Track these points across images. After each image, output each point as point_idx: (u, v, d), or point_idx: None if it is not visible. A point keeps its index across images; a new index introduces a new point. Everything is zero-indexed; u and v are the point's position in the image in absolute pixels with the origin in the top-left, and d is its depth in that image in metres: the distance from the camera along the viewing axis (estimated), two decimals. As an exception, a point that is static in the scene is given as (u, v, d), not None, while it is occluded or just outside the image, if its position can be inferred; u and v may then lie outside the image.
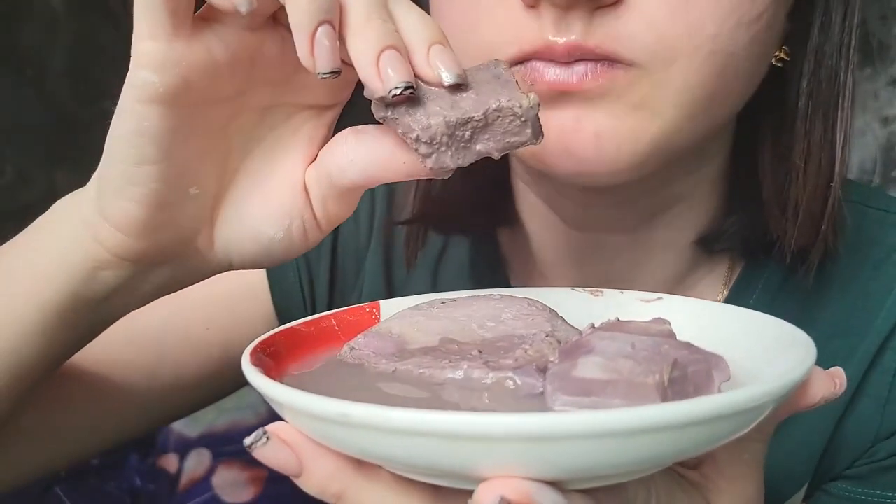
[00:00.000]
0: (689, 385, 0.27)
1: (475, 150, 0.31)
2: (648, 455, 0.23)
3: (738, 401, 0.23)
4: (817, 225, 0.43)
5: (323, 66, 0.28)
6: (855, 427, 0.47)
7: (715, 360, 0.28)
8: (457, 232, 0.53)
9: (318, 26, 0.28)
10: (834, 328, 0.47)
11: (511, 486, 0.23)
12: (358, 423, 0.22)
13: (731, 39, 0.36)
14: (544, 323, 0.32)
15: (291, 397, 0.24)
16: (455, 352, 0.30)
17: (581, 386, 0.26)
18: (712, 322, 0.34)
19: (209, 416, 0.91)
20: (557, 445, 0.22)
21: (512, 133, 0.31)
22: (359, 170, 0.32)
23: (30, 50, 1.21)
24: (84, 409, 0.49)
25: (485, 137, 0.31)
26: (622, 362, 0.26)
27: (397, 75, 0.29)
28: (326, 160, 0.34)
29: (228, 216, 0.34)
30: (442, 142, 0.30)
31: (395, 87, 0.28)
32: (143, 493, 0.87)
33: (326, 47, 0.28)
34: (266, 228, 0.34)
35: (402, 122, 0.30)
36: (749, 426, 0.25)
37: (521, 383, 0.27)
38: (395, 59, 0.29)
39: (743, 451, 0.33)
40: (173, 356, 0.52)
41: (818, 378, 0.30)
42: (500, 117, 0.30)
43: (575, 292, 0.39)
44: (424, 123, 0.29)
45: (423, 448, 0.22)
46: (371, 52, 0.29)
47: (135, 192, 0.31)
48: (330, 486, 0.27)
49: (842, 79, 0.42)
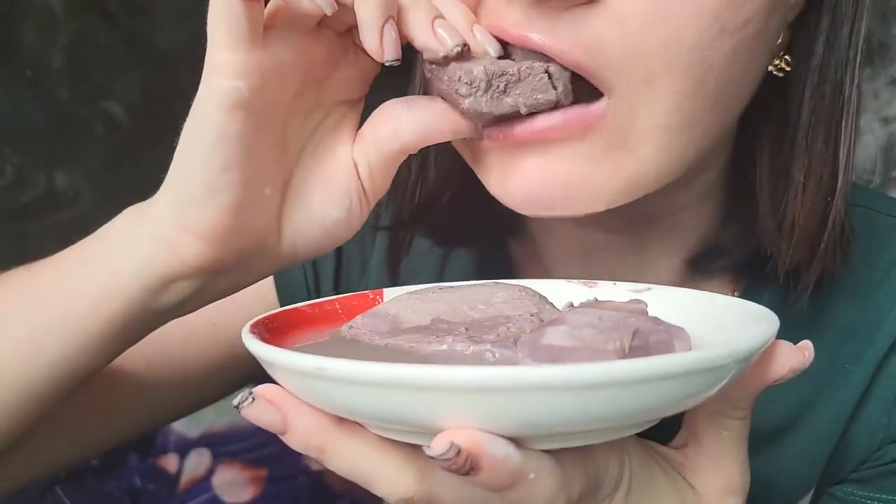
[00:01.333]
0: (651, 354, 0.28)
1: (507, 102, 0.35)
2: (603, 412, 0.24)
3: (695, 360, 0.24)
4: (814, 245, 0.41)
5: (390, 55, 0.33)
6: (862, 430, 0.46)
7: (677, 331, 0.29)
8: (463, 244, 0.54)
9: (385, 22, 0.33)
10: (843, 332, 0.47)
11: (463, 435, 0.24)
12: (334, 376, 0.24)
13: (712, 49, 0.34)
14: (532, 306, 0.33)
15: (277, 355, 0.27)
16: (444, 329, 0.31)
17: (548, 352, 0.27)
18: (696, 308, 0.34)
19: (209, 417, 0.91)
20: (511, 397, 0.23)
21: (540, 91, 0.35)
22: (410, 131, 0.36)
23: (29, 50, 1.20)
24: (91, 408, 0.49)
25: (516, 92, 0.35)
26: (586, 331, 0.27)
27: (452, 37, 0.34)
28: (374, 132, 0.37)
29: (295, 209, 0.37)
30: (480, 87, 0.34)
31: (455, 46, 0.34)
32: (143, 493, 0.87)
33: (393, 38, 0.33)
34: (330, 211, 0.37)
35: (449, 69, 0.35)
36: (708, 391, 0.26)
37: (498, 355, 0.29)
38: (446, 25, 0.34)
39: (723, 428, 0.33)
40: (180, 353, 0.52)
41: (784, 350, 0.30)
42: (531, 74, 0.34)
43: (570, 284, 0.40)
44: (467, 68, 0.34)
45: (391, 401, 0.24)
46: (427, 23, 0.34)
47: (219, 198, 0.33)
48: (313, 441, 0.28)
49: (846, 93, 0.40)
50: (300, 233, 0.37)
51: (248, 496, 0.85)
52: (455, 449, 0.24)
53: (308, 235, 0.37)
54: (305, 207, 0.37)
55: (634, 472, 0.31)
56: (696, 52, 0.34)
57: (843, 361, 0.46)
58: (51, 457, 0.48)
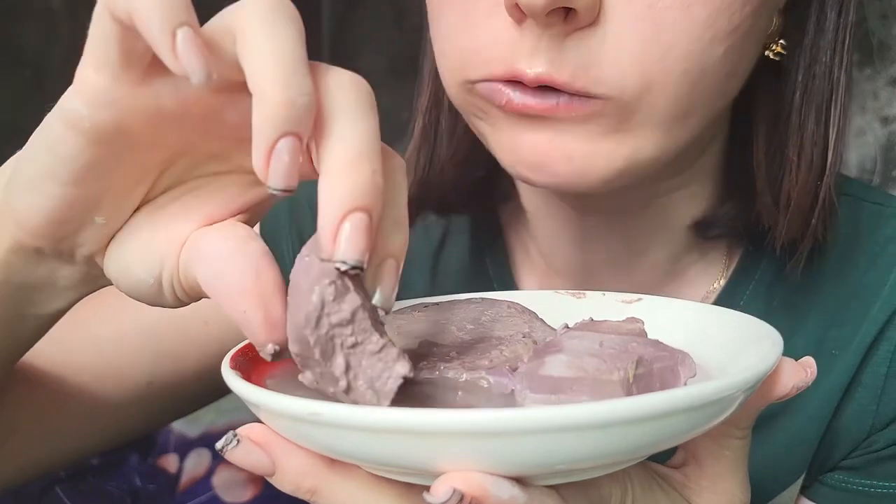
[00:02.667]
0: (655, 381, 0.27)
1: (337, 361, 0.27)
2: (605, 450, 0.23)
3: (698, 395, 0.23)
4: (807, 219, 0.43)
5: (276, 183, 0.25)
6: (851, 417, 0.47)
7: (681, 356, 0.29)
8: (454, 211, 0.54)
9: (280, 137, 0.24)
10: (829, 319, 0.47)
11: (466, 479, 0.23)
12: (328, 422, 0.23)
13: (705, 55, 0.36)
14: (522, 325, 0.33)
15: (266, 399, 0.25)
16: (433, 354, 0.30)
17: (548, 383, 0.26)
18: (689, 321, 0.34)
19: (209, 417, 0.91)
20: (512, 440, 0.22)
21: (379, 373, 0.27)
22: (201, 279, 0.29)
23: (28, 50, 1.20)
24: (82, 410, 0.49)
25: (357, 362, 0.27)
26: (588, 360, 0.26)
27: (351, 251, 0.25)
28: (192, 248, 0.30)
29: (120, 244, 0.31)
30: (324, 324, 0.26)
31: (344, 263, 0.25)
32: (143, 493, 0.87)
33: (285, 164, 0.24)
34: (138, 270, 0.30)
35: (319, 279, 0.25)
36: (713, 421, 0.25)
37: (493, 382, 0.28)
38: (360, 229, 0.25)
39: (724, 448, 0.33)
40: (172, 353, 0.52)
41: (788, 368, 0.30)
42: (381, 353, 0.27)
43: (558, 295, 0.39)
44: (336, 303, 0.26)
45: (390, 445, 0.23)
46: (339, 208, 0.25)
47: (38, 200, 0.29)
48: (304, 483, 0.27)
49: (836, 75, 0.42)
50: (113, 271, 0.31)
51: (248, 496, 0.85)
52: (458, 495, 0.23)
53: (118, 278, 0.31)
54: (120, 252, 0.31)
55: (636, 496, 0.31)
56: (690, 60, 0.36)
57: (829, 347, 0.47)
58: (39, 458, 0.48)
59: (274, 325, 0.27)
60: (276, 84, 0.24)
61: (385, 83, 0.41)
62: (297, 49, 0.25)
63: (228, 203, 0.31)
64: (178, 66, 0.24)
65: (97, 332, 0.50)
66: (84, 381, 0.48)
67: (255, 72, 0.25)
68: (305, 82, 0.25)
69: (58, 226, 0.30)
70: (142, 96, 0.27)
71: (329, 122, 0.26)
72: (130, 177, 0.30)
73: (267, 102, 0.24)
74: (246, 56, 0.25)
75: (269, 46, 0.25)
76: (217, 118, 0.28)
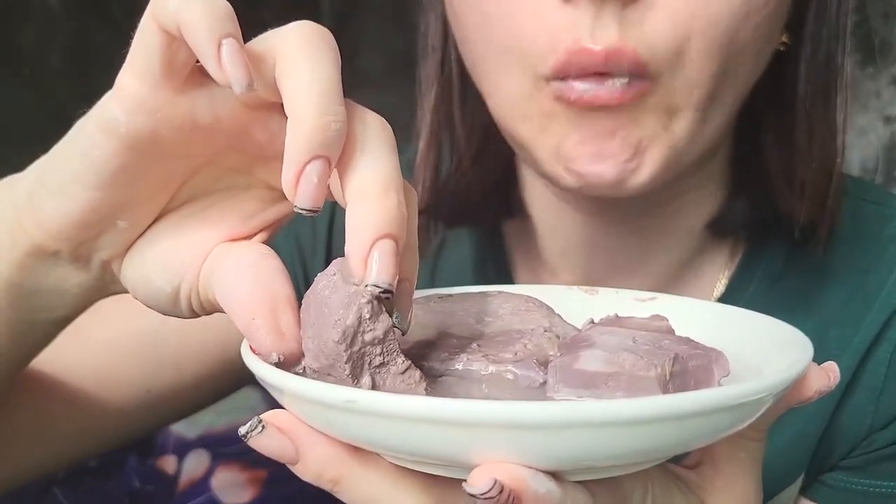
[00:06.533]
0: (690, 379, 0.27)
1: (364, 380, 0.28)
2: (646, 446, 0.23)
3: (740, 394, 0.23)
4: (823, 200, 0.45)
5: (303, 202, 0.26)
6: (850, 417, 0.47)
7: (715, 355, 0.28)
8: (464, 224, 0.53)
9: (311, 160, 0.26)
10: (830, 318, 0.48)
11: (506, 471, 0.23)
12: (363, 409, 0.23)
13: (740, 29, 0.38)
14: (542, 319, 0.33)
15: (297, 385, 0.24)
16: (453, 345, 0.30)
17: (583, 378, 0.26)
18: (707, 320, 0.34)
19: (208, 418, 0.91)
20: (555, 434, 0.22)
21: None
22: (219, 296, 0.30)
23: (28, 50, 1.20)
24: (82, 415, 0.49)
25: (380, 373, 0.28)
26: (624, 356, 0.26)
27: (383, 275, 0.26)
28: (220, 264, 0.31)
29: (135, 253, 0.32)
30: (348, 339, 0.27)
31: (376, 287, 0.26)
32: (141, 494, 0.87)
33: (314, 184, 0.26)
34: (156, 279, 0.31)
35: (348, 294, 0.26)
36: (747, 421, 0.26)
37: (520, 375, 0.28)
38: (389, 255, 0.26)
39: (740, 449, 0.33)
40: (172, 359, 0.52)
41: (813, 373, 0.30)
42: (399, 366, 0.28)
43: (570, 290, 0.39)
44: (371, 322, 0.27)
45: (426, 435, 0.23)
46: (369, 235, 0.26)
47: (64, 203, 0.30)
48: (326, 472, 0.27)
49: (838, 61, 0.44)
50: (129, 278, 0.33)
51: (247, 497, 0.84)
52: (499, 487, 0.23)
53: (135, 285, 0.32)
54: (141, 259, 0.32)
55: (656, 496, 0.31)
56: (729, 34, 0.37)
57: (830, 347, 0.47)
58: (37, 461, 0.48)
59: (282, 334, 0.28)
60: (313, 108, 0.26)
61: (385, 83, 0.41)
62: (335, 77, 0.27)
63: (249, 218, 0.32)
64: (221, 74, 0.25)
65: (97, 339, 0.50)
66: (84, 387, 0.48)
67: (294, 94, 0.26)
68: (340, 110, 0.26)
69: (80, 229, 0.31)
70: (178, 106, 0.28)
71: (357, 153, 0.27)
72: (156, 184, 0.31)
73: (303, 124, 0.26)
74: (286, 78, 0.26)
75: (309, 71, 0.26)
76: (246, 134, 0.30)
